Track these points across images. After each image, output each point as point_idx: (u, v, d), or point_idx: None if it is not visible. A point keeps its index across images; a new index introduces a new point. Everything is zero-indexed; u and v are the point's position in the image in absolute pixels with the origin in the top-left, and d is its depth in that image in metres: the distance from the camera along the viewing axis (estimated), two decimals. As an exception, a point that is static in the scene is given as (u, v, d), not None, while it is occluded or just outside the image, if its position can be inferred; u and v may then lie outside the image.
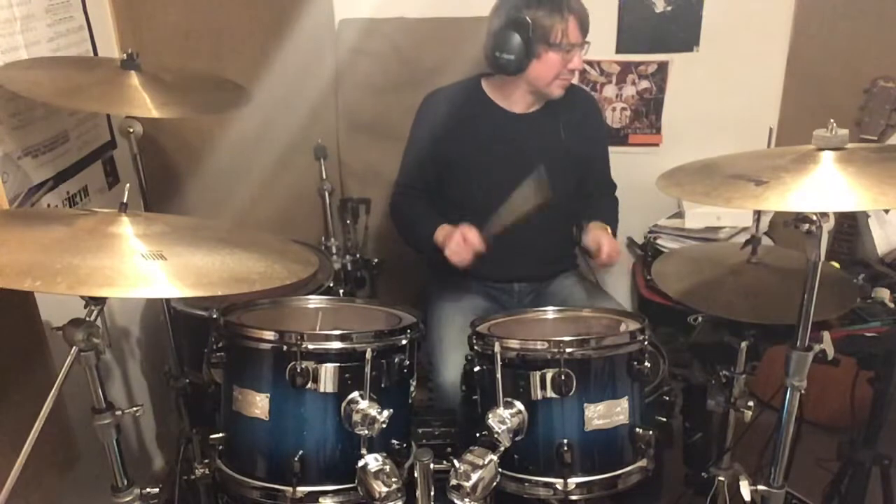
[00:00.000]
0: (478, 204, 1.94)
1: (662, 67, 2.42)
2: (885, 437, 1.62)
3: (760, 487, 1.36)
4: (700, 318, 1.62)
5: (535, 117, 1.95)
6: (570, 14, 1.78)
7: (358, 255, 2.24)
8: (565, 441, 1.29)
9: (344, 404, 1.27)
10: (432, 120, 1.98)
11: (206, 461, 1.68)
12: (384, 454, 1.26)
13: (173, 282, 1.03)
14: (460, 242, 1.74)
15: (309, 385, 1.26)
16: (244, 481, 1.31)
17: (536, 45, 1.79)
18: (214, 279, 1.07)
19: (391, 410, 1.27)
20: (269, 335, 1.29)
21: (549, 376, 1.28)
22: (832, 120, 1.16)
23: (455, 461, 1.24)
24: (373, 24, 2.32)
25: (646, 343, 1.38)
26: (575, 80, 2.40)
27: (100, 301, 1.09)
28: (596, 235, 1.89)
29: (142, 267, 1.04)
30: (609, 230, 1.94)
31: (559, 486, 1.30)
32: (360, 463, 1.24)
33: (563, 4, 1.78)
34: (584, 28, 1.82)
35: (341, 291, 2.04)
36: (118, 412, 1.23)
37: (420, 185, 2.01)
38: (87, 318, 1.08)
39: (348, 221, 2.30)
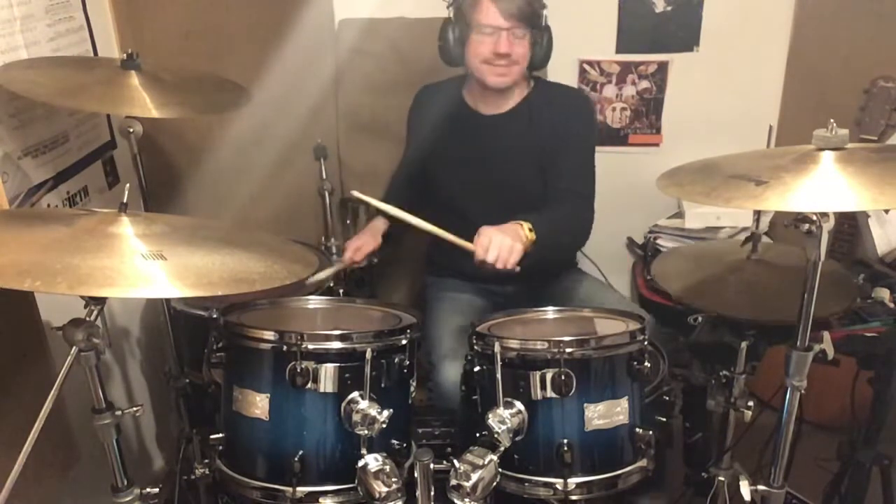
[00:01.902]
0: (451, 202, 1.97)
1: (662, 67, 2.42)
2: (885, 437, 1.62)
3: (760, 487, 1.36)
4: (700, 318, 1.62)
5: (502, 120, 1.92)
6: None
7: (358, 256, 2.24)
8: (565, 441, 1.29)
9: (344, 404, 1.27)
10: (418, 114, 2.06)
11: (206, 461, 1.68)
12: (384, 454, 1.26)
13: (173, 282, 1.03)
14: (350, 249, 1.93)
15: (309, 385, 1.25)
16: (244, 481, 1.31)
17: (463, 31, 1.80)
18: (214, 279, 1.07)
19: (391, 410, 1.26)
20: (269, 335, 1.29)
21: (549, 376, 1.28)
22: (832, 120, 1.16)
23: (455, 461, 1.24)
24: (373, 24, 2.32)
25: (646, 343, 1.38)
26: (573, 80, 2.42)
27: (100, 301, 1.09)
28: (483, 230, 1.59)
29: (142, 267, 1.04)
30: (524, 227, 1.63)
31: (559, 486, 1.29)
32: (360, 463, 1.24)
33: None
34: (507, 11, 1.75)
35: (341, 291, 2.04)
36: (118, 412, 1.23)
37: (412, 174, 2.07)
38: (87, 318, 1.08)
39: (348, 221, 2.31)
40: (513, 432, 1.27)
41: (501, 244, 1.56)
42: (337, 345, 1.29)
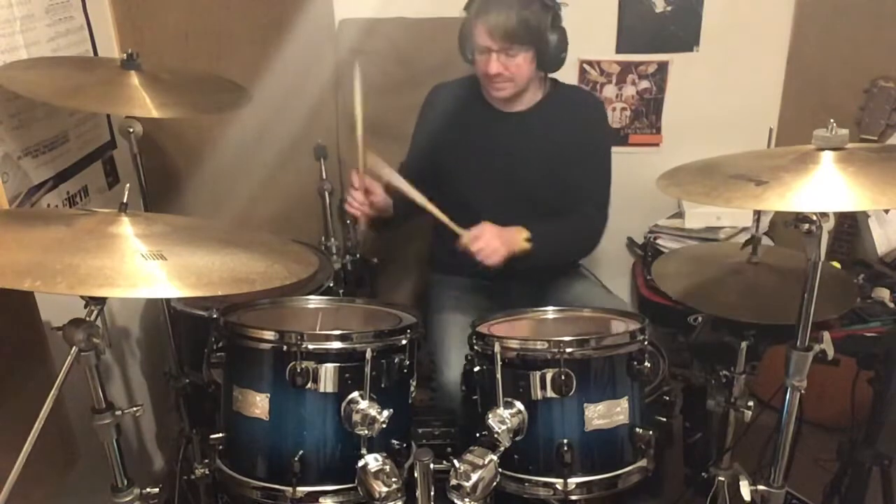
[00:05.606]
0: (461, 194, 1.96)
1: (662, 67, 2.42)
2: (885, 437, 1.62)
3: (760, 487, 1.36)
4: (700, 318, 1.62)
5: (524, 116, 1.94)
6: (477, 18, 1.78)
7: (358, 255, 2.24)
8: (565, 441, 1.29)
9: (344, 404, 1.27)
10: (431, 112, 2.04)
11: (206, 461, 1.68)
12: (384, 454, 1.26)
13: (173, 282, 1.03)
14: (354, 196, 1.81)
15: (309, 385, 1.25)
16: (244, 481, 1.31)
17: (471, 47, 1.84)
18: (214, 279, 1.07)
19: (391, 410, 1.27)
20: (269, 335, 1.29)
21: (549, 376, 1.28)
22: (832, 120, 1.16)
23: (455, 461, 1.24)
24: (373, 24, 2.32)
25: (646, 343, 1.39)
26: (573, 80, 2.42)
27: (100, 301, 1.09)
28: (484, 225, 1.73)
29: (142, 267, 1.04)
30: (521, 236, 1.76)
31: (559, 486, 1.29)
32: (360, 463, 1.24)
33: (474, 8, 1.79)
34: (494, 33, 1.75)
35: (341, 291, 2.04)
36: (118, 412, 1.23)
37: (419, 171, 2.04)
38: (87, 318, 1.08)
39: (348, 221, 2.30)
40: (513, 432, 1.27)
41: (489, 244, 1.70)
42: (337, 345, 1.29)
